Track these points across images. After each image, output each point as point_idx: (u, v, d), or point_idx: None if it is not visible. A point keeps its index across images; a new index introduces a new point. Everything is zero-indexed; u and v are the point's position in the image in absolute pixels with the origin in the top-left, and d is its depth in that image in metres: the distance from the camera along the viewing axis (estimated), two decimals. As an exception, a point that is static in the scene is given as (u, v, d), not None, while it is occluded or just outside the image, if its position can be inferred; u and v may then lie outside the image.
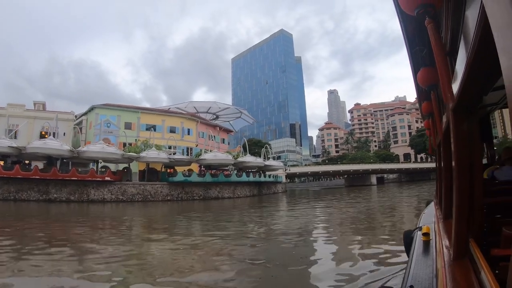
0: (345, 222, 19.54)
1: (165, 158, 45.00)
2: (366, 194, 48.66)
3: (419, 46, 3.47)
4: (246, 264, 9.71)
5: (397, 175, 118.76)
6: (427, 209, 7.71)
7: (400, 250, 8.96)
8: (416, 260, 3.35)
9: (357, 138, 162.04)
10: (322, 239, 14.00)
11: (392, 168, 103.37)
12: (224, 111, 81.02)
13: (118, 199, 41.59)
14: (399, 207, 28.36)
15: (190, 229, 18.58)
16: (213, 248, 12.26)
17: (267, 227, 18.07)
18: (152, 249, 12.60)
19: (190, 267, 9.57)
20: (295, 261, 9.84)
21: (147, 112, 60.92)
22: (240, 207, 32.89)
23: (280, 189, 69.22)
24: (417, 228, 4.90)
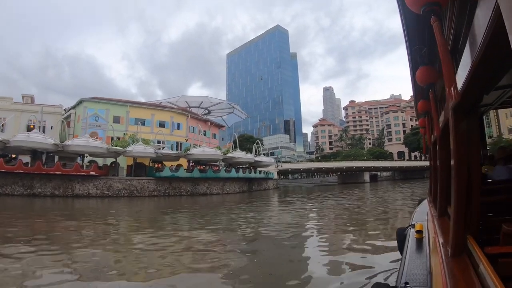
0: (337, 220, 19.01)
1: (152, 152, 44.11)
2: (359, 192, 48.16)
3: (418, 45, 3.46)
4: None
5: (391, 173, 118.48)
6: (419, 207, 7.75)
7: (392, 246, 9.05)
8: (409, 257, 3.37)
9: (351, 136, 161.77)
10: (313, 237, 13.50)
11: (385, 166, 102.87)
12: (216, 106, 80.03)
13: (104, 194, 40.81)
14: (392, 204, 27.72)
15: (175, 225, 17.91)
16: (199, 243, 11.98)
17: (256, 224, 17.36)
18: (135, 245, 11.93)
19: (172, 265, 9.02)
20: (285, 263, 9.36)
21: (137, 106, 60.08)
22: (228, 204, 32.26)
23: (272, 186, 68.26)
24: (410, 226, 4.95)
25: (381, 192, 46.07)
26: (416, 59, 3.64)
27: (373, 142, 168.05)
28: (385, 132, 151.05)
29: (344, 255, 9.63)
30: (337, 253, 10.00)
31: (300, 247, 11.68)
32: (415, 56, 3.59)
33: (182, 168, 45.29)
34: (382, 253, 9.59)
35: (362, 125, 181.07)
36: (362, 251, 10.10)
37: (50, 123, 54.15)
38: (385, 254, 9.35)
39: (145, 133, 52.72)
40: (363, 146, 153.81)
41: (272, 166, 73.97)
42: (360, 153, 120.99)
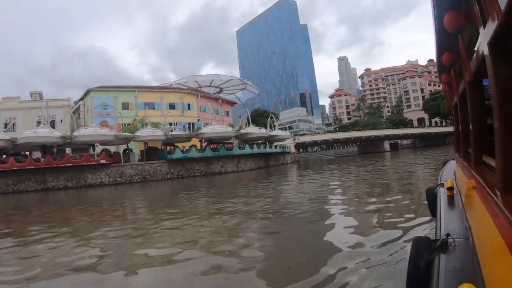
0: (361, 187, 18.43)
1: (161, 135, 42.95)
2: (379, 160, 46.81)
3: None
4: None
5: (411, 140, 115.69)
6: (445, 168, 7.66)
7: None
8: (444, 214, 3.40)
9: (369, 104, 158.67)
10: (339, 206, 12.73)
11: (405, 134, 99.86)
12: (228, 83, 78.07)
13: (116, 181, 40.24)
14: (417, 170, 26.56)
15: (193, 206, 16.78)
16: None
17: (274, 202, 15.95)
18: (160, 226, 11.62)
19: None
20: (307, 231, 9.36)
21: (144, 90, 58.91)
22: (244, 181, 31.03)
23: (290, 160, 67.20)
24: (439, 185, 4.85)
25: (404, 159, 44.98)
26: (441, 6, 3.41)
27: (392, 110, 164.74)
28: (403, 99, 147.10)
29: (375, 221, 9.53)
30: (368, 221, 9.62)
31: (325, 220, 10.69)
32: (440, 3, 3.38)
33: (194, 148, 44.08)
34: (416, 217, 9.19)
35: (380, 93, 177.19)
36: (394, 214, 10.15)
37: (60, 117, 54.12)
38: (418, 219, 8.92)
39: (155, 116, 51.92)
40: (382, 114, 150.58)
41: (288, 140, 72.52)
42: (379, 122, 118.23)
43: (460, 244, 2.47)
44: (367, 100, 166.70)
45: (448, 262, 2.29)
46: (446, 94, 6.90)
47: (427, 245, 2.58)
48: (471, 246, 2.42)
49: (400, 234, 7.49)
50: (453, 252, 2.41)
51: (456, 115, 5.96)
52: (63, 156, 39.90)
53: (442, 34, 3.68)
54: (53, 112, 52.77)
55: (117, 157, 42.91)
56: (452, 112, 6.40)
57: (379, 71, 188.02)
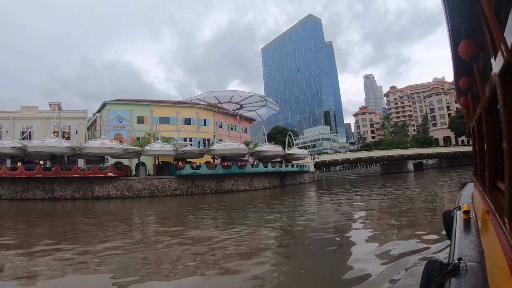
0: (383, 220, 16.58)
1: (170, 150, 42.01)
2: (398, 182, 44.89)
3: (459, 19, 3.35)
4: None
5: (437, 160, 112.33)
6: (463, 190, 7.73)
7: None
8: (459, 237, 3.43)
9: (394, 123, 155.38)
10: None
11: (430, 153, 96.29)
12: (247, 99, 76.83)
13: (124, 195, 39.84)
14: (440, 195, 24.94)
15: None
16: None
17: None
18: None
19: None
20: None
21: (160, 105, 58.28)
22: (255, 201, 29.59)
23: (308, 179, 65.15)
24: (456, 208, 5.02)
25: (427, 181, 42.70)
26: (456, 34, 3.56)
27: (418, 129, 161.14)
28: (428, 116, 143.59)
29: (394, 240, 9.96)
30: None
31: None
32: (456, 31, 3.51)
33: (204, 165, 42.80)
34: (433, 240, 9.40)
35: (405, 111, 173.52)
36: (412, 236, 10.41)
37: (75, 128, 54.40)
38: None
39: (169, 131, 51.30)
40: (407, 133, 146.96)
41: (308, 158, 70.73)
42: (403, 141, 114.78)
43: (472, 269, 2.48)
44: (392, 118, 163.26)
45: (458, 287, 2.33)
46: (465, 116, 6.91)
47: (439, 269, 2.60)
48: (483, 271, 2.44)
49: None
50: (464, 276, 2.43)
51: (473, 138, 6.07)
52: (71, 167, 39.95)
53: (458, 59, 3.72)
54: (69, 123, 53.93)
55: (125, 170, 42.50)
56: (474, 130, 6.10)
57: (404, 89, 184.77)
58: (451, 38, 3.73)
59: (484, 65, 3.35)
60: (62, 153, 39.50)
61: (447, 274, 2.44)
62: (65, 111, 58.95)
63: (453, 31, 3.53)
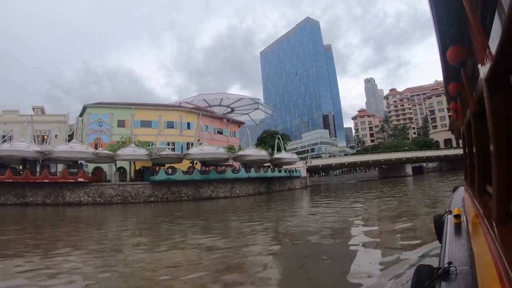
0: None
1: (143, 155, 40.21)
2: (394, 187, 43.03)
3: (447, 25, 3.40)
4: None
5: (437, 163, 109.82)
6: (455, 194, 7.80)
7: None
8: (450, 241, 3.49)
9: (394, 126, 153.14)
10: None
11: (429, 156, 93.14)
12: (238, 102, 75.06)
13: (95, 201, 38.44)
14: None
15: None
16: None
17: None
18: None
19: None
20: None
21: (142, 108, 56.74)
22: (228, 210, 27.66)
23: (299, 185, 62.68)
24: (447, 212, 5.12)
25: (424, 186, 41.10)
26: (445, 40, 3.63)
27: (418, 131, 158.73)
28: (429, 119, 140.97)
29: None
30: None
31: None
32: (444, 37, 3.59)
33: (180, 170, 40.88)
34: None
35: (405, 114, 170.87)
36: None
37: (55, 132, 52.65)
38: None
39: (151, 135, 49.56)
40: (407, 136, 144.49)
41: (300, 163, 68.65)
42: (402, 144, 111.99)
43: (462, 273, 2.51)
44: (392, 121, 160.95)
45: None
46: (455, 121, 6.98)
47: (429, 272, 2.61)
48: (473, 275, 2.48)
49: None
50: (454, 280, 2.47)
51: (463, 142, 6.32)
52: (50, 172, 39.34)
53: (447, 65, 3.79)
54: (50, 127, 52.44)
55: (99, 176, 41.17)
56: (463, 135, 6.34)
57: (404, 91, 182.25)
58: (439, 44, 3.79)
59: (472, 70, 3.33)
60: (32, 157, 38.49)
61: (437, 278, 2.45)
62: (45, 115, 58.75)
63: (441, 37, 3.58)
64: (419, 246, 9.27)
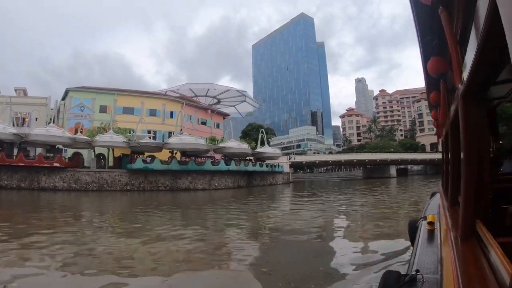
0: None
1: (121, 142, 39.53)
2: (375, 188, 43.19)
3: (429, 36, 3.48)
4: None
5: (422, 166, 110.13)
6: (432, 200, 7.69)
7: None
8: (421, 248, 3.48)
9: (382, 127, 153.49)
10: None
11: (414, 159, 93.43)
12: (225, 94, 74.10)
13: (71, 187, 37.64)
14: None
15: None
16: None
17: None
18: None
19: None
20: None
21: (125, 94, 55.86)
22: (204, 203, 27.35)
23: (281, 180, 62.22)
24: (422, 218, 5.01)
25: (405, 189, 40.49)
26: (427, 50, 3.68)
27: (405, 134, 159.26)
28: (416, 122, 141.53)
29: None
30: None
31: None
32: (426, 47, 3.64)
33: (158, 159, 40.32)
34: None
35: (394, 116, 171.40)
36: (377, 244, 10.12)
37: (36, 115, 51.95)
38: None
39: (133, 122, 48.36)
40: (394, 137, 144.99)
41: (283, 158, 68.32)
42: (388, 145, 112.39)
43: (428, 282, 2.49)
44: (380, 122, 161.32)
45: None
46: (435, 128, 7.19)
47: (395, 279, 2.59)
48: (439, 285, 2.46)
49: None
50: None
51: (442, 150, 6.60)
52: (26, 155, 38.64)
53: (429, 75, 3.84)
54: (31, 109, 51.57)
55: (76, 161, 40.60)
56: (442, 144, 6.59)
57: (394, 93, 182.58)
58: (422, 54, 3.81)
59: (451, 83, 3.40)
60: (8, 139, 37.87)
61: (403, 285, 2.45)
62: (27, 97, 57.55)
63: (423, 48, 3.61)
64: (392, 251, 8.95)
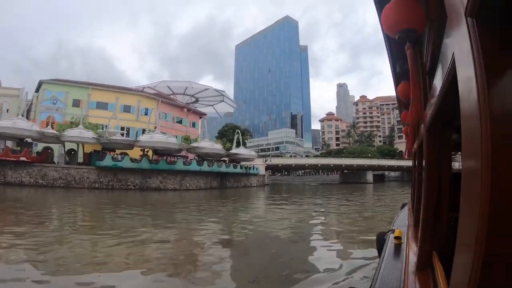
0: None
1: (90, 137, 38.71)
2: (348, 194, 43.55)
3: (401, 60, 3.57)
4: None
5: (400, 173, 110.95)
6: (401, 212, 7.90)
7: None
8: (386, 263, 3.47)
9: (361, 132, 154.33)
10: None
11: (391, 165, 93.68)
12: (203, 93, 73.06)
13: (37, 183, 36.77)
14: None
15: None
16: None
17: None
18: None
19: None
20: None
21: (99, 88, 54.64)
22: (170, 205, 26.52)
23: (256, 183, 61.69)
24: (390, 231, 5.05)
25: (378, 195, 40.78)
26: (398, 75, 3.82)
27: (384, 140, 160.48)
28: (395, 128, 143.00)
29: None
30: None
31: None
32: (398, 72, 3.74)
33: (128, 157, 39.63)
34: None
35: (373, 122, 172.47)
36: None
37: (8, 107, 51.64)
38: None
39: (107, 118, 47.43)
40: (372, 143, 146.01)
41: (259, 160, 67.90)
42: (366, 150, 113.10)
43: None
44: (360, 127, 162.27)
45: None
46: (406, 143, 6.91)
47: None
48: None
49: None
50: None
51: (413, 166, 6.05)
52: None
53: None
54: (1, 100, 51.06)
55: (43, 156, 39.60)
56: (412, 161, 6.36)
57: (374, 99, 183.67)
58: (393, 77, 4.07)
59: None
60: None
61: None
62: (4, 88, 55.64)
63: (394, 72, 3.78)
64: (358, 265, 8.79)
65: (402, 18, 2.26)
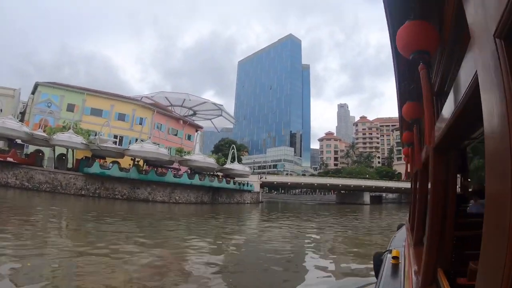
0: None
1: (79, 143, 38.11)
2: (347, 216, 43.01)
3: (407, 81, 3.61)
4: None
5: (397, 195, 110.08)
6: (398, 233, 8.10)
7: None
8: (384, 282, 3.59)
9: (359, 153, 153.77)
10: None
11: (389, 187, 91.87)
12: (201, 106, 72.55)
13: (23, 185, 36.03)
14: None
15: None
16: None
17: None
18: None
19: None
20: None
21: (95, 95, 54.23)
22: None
23: (249, 200, 60.07)
24: (387, 251, 5.16)
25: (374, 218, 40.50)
26: (404, 94, 3.88)
27: (383, 162, 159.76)
28: (394, 150, 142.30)
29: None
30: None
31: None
32: (404, 91, 3.83)
33: (116, 165, 38.89)
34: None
35: (372, 143, 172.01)
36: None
37: (2, 106, 51.02)
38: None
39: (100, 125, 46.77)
40: (371, 164, 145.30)
41: (254, 177, 66.97)
42: (365, 171, 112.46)
43: None
44: (359, 148, 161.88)
45: None
46: (405, 165, 7.63)
47: None
48: None
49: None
50: None
51: (412, 187, 6.58)
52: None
53: (403, 117, 4.03)
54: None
55: (31, 158, 38.99)
56: (411, 182, 6.67)
57: (374, 121, 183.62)
58: (398, 97, 4.07)
59: (423, 130, 3.31)
60: None
61: None
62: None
63: (400, 91, 3.84)
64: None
65: (417, 40, 2.32)
